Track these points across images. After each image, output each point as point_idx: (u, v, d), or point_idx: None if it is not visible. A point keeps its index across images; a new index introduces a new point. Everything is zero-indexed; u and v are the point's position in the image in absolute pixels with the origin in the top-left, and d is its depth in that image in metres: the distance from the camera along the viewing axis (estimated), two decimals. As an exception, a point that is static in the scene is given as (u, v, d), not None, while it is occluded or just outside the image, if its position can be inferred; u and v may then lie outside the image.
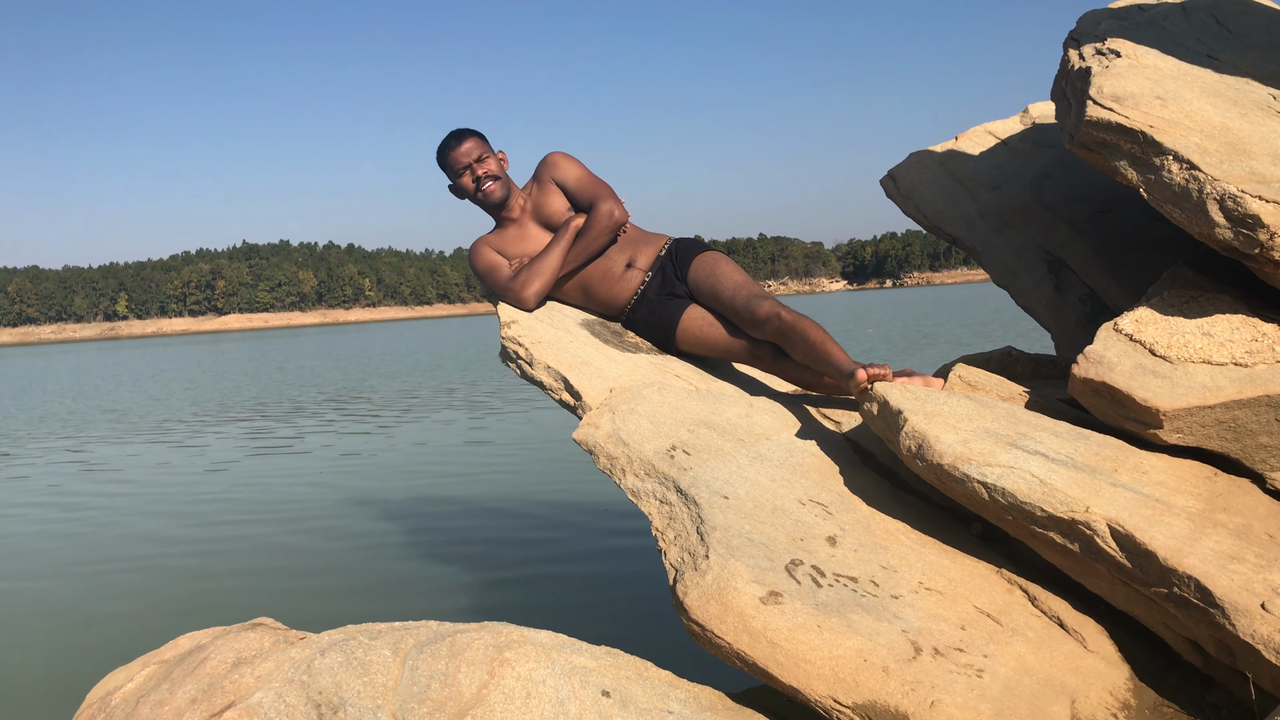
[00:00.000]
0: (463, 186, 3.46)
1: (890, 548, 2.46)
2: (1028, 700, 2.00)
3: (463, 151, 3.43)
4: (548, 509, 6.79)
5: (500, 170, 3.46)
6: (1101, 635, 2.32)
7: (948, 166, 4.86)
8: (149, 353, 53.71)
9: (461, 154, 3.43)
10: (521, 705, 1.96)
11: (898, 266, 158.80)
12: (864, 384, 2.77)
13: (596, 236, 3.35)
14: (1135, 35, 3.43)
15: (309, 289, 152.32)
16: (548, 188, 3.44)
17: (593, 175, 3.44)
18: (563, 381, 3.06)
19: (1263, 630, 1.97)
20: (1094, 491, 2.29)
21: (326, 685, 2.00)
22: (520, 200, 3.47)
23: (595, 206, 3.34)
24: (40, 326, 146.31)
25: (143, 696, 2.15)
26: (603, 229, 3.34)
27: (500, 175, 3.44)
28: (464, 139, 3.45)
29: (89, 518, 7.59)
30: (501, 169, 3.47)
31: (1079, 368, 2.68)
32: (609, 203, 3.34)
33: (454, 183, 3.49)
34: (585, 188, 3.39)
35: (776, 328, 3.10)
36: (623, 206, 3.36)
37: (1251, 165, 2.69)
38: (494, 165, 3.44)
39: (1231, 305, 2.84)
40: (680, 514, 2.47)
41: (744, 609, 2.09)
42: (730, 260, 3.38)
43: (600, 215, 3.33)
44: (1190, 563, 2.10)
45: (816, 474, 2.76)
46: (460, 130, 3.49)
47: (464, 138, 3.45)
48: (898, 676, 1.99)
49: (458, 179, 3.46)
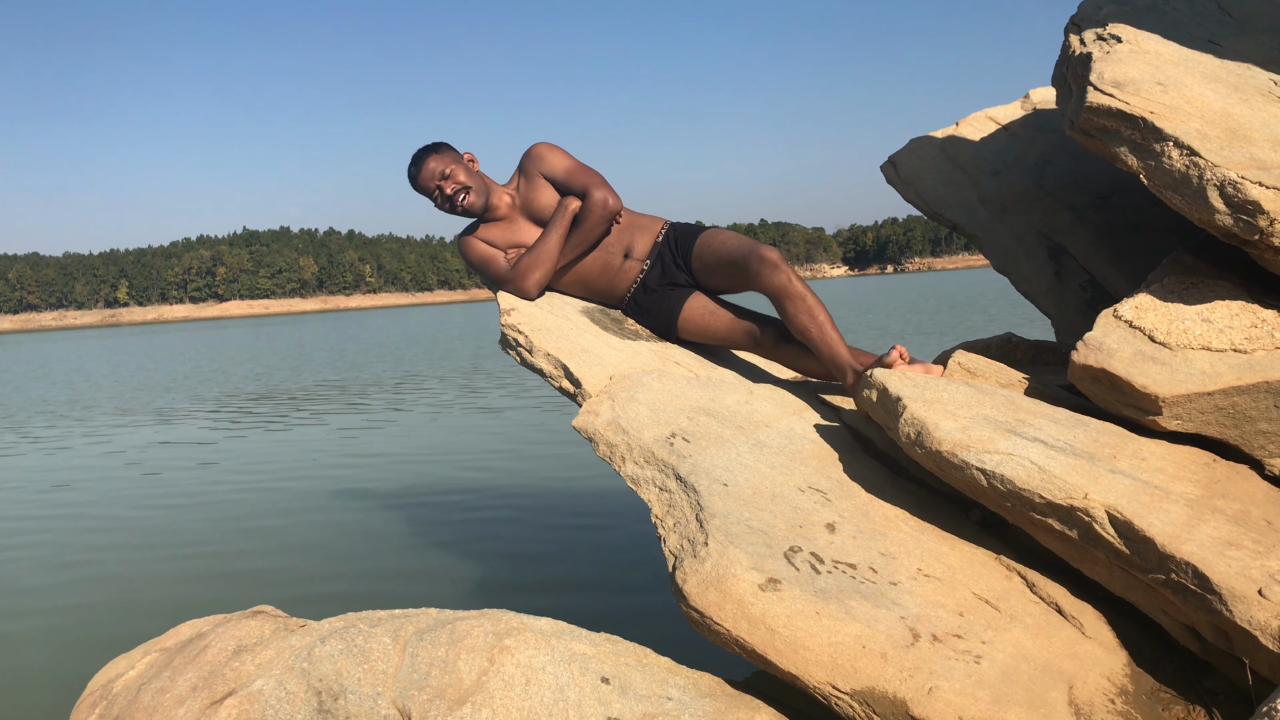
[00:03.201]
0: (437, 206, 3.38)
1: (889, 534, 2.46)
2: (1025, 686, 2.01)
3: (426, 174, 3.34)
4: (547, 496, 6.80)
5: (470, 177, 3.35)
6: (1099, 621, 2.32)
7: (948, 152, 4.85)
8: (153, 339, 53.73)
9: (426, 177, 3.34)
10: (521, 692, 1.97)
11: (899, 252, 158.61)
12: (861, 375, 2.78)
13: (592, 228, 3.30)
14: (1137, 20, 3.41)
15: (310, 275, 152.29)
16: (535, 182, 3.36)
17: (581, 164, 3.35)
18: (562, 369, 3.06)
19: (1260, 616, 1.97)
20: (1092, 478, 2.29)
21: (327, 672, 2.01)
22: (506, 198, 3.40)
23: (588, 195, 3.27)
24: (41, 313, 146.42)
25: (144, 684, 2.16)
26: (597, 219, 3.28)
27: (472, 183, 3.34)
28: (424, 161, 3.35)
29: (88, 504, 7.60)
30: (471, 173, 3.37)
31: (1078, 354, 2.68)
32: (601, 191, 3.26)
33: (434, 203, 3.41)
34: (575, 177, 3.31)
35: (783, 284, 3.03)
36: (615, 194, 3.29)
37: (1252, 151, 2.68)
38: (462, 175, 3.34)
39: (1231, 292, 2.84)
40: (680, 501, 2.47)
41: (743, 596, 2.10)
42: (727, 230, 3.36)
43: (594, 205, 3.26)
44: (1188, 549, 2.10)
45: (816, 461, 2.76)
46: (418, 153, 3.39)
47: (423, 160, 3.35)
48: (896, 663, 1.99)
49: (432, 200, 3.38)
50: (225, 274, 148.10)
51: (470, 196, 3.33)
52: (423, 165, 3.35)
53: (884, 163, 4.98)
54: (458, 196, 3.33)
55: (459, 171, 3.34)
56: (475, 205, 3.34)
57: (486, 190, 3.37)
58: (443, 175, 3.33)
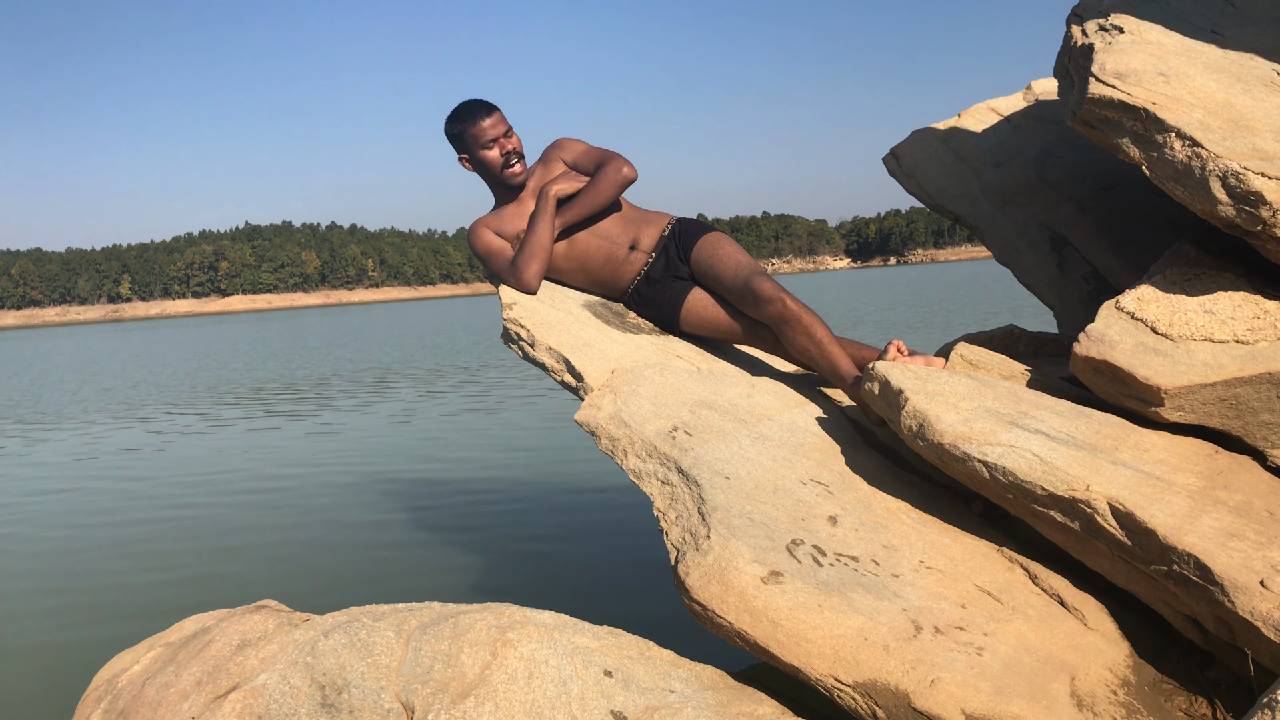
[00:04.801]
0: (487, 160, 3.31)
1: (891, 527, 2.47)
2: (1028, 678, 2.01)
3: (491, 123, 3.30)
4: (549, 490, 6.81)
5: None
6: (1102, 613, 2.32)
7: (950, 144, 4.84)
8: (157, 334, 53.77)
9: (489, 125, 3.29)
10: (524, 685, 1.97)
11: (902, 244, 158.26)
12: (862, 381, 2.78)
13: (605, 189, 3.28)
14: (1139, 10, 3.40)
15: (312, 270, 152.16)
16: (554, 165, 3.41)
17: (600, 148, 3.40)
18: (564, 363, 3.06)
19: (1262, 607, 1.97)
20: (1094, 470, 2.29)
21: (331, 667, 2.01)
22: (532, 183, 3.42)
23: (607, 163, 3.30)
24: (44, 309, 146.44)
25: (149, 678, 2.17)
26: (611, 181, 3.28)
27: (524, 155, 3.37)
28: (492, 110, 3.32)
29: (92, 500, 7.62)
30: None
31: (1080, 346, 2.68)
32: (618, 160, 3.30)
33: (473, 154, 3.34)
34: (594, 154, 3.36)
35: (779, 312, 3.06)
36: (633, 167, 3.30)
37: (1254, 142, 2.67)
38: (518, 143, 3.35)
39: (1234, 283, 2.84)
40: (682, 494, 2.47)
41: (745, 589, 2.10)
42: (733, 241, 3.36)
43: (609, 169, 3.29)
44: (1190, 540, 2.10)
45: (818, 454, 2.77)
46: (484, 101, 3.35)
47: (491, 109, 3.32)
48: (898, 655, 2.00)
49: (482, 150, 3.31)
50: (228, 269, 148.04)
51: (520, 165, 3.34)
52: (491, 111, 3.32)
53: (886, 155, 4.97)
54: (512, 159, 3.32)
55: (516, 138, 3.35)
56: (521, 176, 3.35)
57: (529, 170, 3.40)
58: (505, 133, 3.33)
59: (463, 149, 3.37)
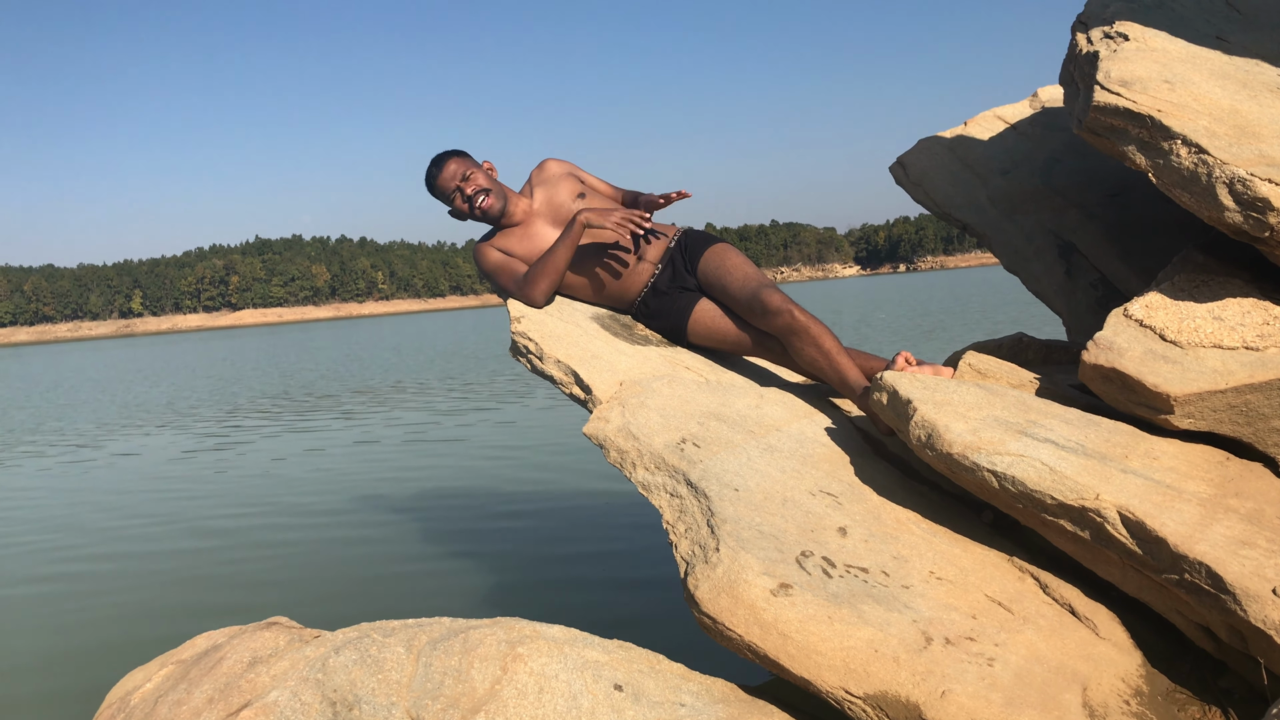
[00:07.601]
0: (459, 210, 3.43)
1: (901, 537, 2.46)
2: (1039, 688, 2.00)
3: (447, 176, 3.39)
4: (558, 503, 6.81)
5: (490, 181, 3.41)
6: (1113, 622, 2.31)
7: (957, 152, 4.84)
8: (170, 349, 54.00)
9: (446, 179, 3.39)
10: (534, 700, 1.98)
11: (911, 251, 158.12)
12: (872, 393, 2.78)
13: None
14: (1143, 18, 3.40)
15: (322, 283, 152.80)
16: (558, 183, 3.45)
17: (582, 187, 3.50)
18: (573, 375, 3.06)
19: (1274, 615, 1.96)
20: (1104, 478, 2.28)
21: (341, 683, 2.02)
22: (523, 204, 3.44)
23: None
24: (56, 325, 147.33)
25: (161, 696, 2.18)
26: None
27: (491, 186, 3.39)
28: (445, 164, 3.41)
29: (102, 517, 7.65)
30: (491, 179, 3.43)
31: (1089, 354, 2.67)
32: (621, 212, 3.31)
33: (450, 208, 3.46)
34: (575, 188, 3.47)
35: (787, 323, 3.07)
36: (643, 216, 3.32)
37: (1261, 148, 2.67)
38: (482, 179, 3.39)
39: (1242, 289, 2.83)
40: (691, 507, 2.47)
41: (755, 601, 2.10)
42: (740, 252, 3.37)
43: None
44: (1201, 549, 2.09)
45: (827, 465, 2.76)
46: (439, 156, 3.45)
47: (444, 162, 3.41)
48: (909, 666, 1.99)
49: (450, 203, 3.43)
50: (238, 283, 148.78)
51: (489, 199, 3.37)
52: (443, 166, 3.41)
53: (893, 164, 4.97)
54: (477, 198, 3.37)
55: (478, 175, 3.40)
56: (494, 208, 3.38)
57: (504, 196, 3.41)
58: (463, 177, 3.39)
59: (443, 204, 3.49)
